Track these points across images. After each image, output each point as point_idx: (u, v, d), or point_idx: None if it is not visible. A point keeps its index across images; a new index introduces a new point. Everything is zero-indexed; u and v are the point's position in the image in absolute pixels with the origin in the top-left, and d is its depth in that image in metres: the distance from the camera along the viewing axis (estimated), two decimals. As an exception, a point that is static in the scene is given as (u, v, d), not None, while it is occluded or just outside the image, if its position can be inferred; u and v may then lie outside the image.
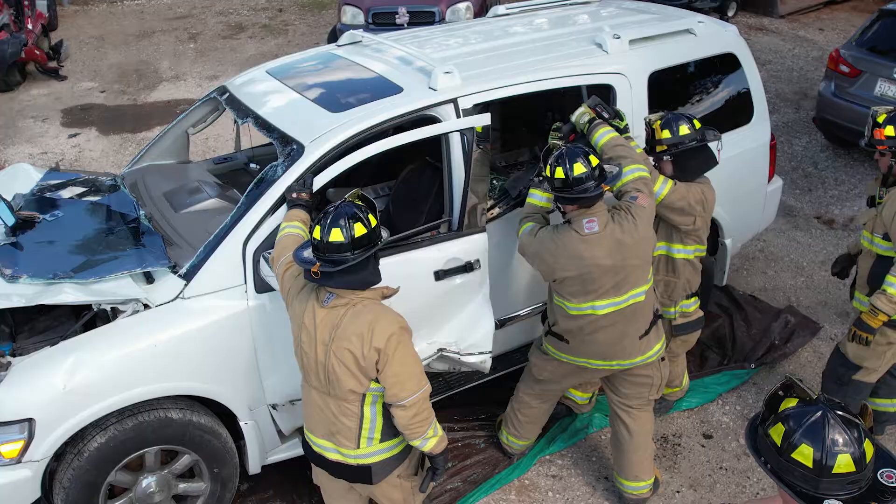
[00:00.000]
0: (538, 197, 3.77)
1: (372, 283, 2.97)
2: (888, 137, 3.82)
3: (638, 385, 3.76)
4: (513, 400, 4.10)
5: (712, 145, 3.97)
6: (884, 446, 1.92)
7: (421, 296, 3.71)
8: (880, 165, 3.94)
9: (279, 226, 3.41)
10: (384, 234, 3.01)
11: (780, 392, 1.98)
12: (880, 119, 3.85)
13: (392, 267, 3.59)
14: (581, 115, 3.85)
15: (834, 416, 1.84)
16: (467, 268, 3.80)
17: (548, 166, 3.49)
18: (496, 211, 4.04)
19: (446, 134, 3.79)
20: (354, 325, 2.86)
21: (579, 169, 3.39)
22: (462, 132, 3.78)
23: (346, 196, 3.02)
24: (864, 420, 1.90)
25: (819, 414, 1.85)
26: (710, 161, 3.98)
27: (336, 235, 2.84)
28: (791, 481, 1.86)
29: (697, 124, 3.91)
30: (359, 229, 2.87)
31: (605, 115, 3.81)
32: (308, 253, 2.95)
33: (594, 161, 3.44)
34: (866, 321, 3.81)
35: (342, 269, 2.84)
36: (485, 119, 3.80)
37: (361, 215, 2.91)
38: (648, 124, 3.98)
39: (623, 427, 3.83)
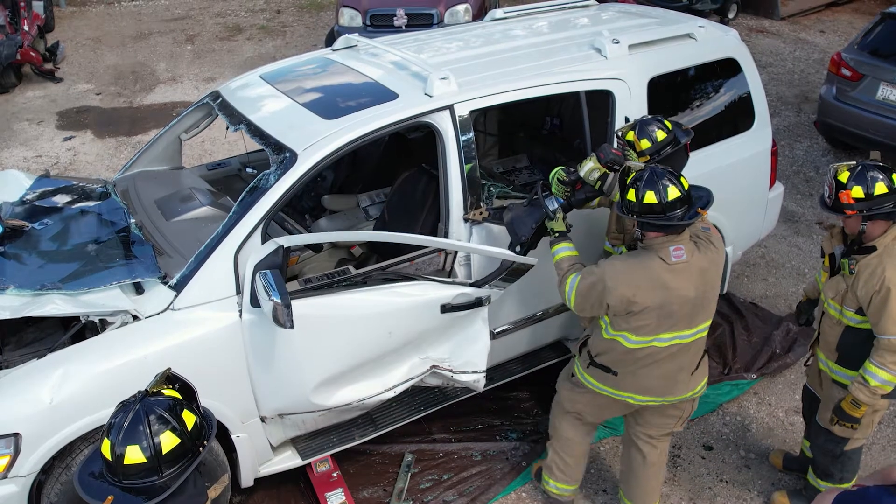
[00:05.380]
0: (565, 249, 3.50)
1: None
2: (857, 200, 3.22)
3: (667, 417, 3.53)
4: (552, 444, 3.79)
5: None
6: None
7: (421, 326, 3.61)
8: (847, 229, 3.40)
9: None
10: (212, 429, 2.16)
11: None
12: (842, 177, 3.26)
13: (394, 297, 3.51)
14: (591, 171, 3.59)
15: None
16: (477, 303, 3.66)
17: (631, 189, 3.16)
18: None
19: (444, 145, 3.72)
20: None
21: (674, 193, 3.08)
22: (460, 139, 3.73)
23: (149, 384, 2.15)
24: None
25: None
26: (684, 158, 3.83)
27: (133, 455, 1.97)
28: None
29: (669, 125, 3.76)
30: (168, 441, 2.01)
31: (617, 168, 3.54)
32: (99, 472, 2.08)
33: (685, 183, 3.15)
34: (848, 412, 3.39)
35: None
36: (532, 261, 3.62)
37: (170, 417, 2.04)
38: (622, 136, 3.72)
39: (639, 454, 3.64)
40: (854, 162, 3.33)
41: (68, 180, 4.36)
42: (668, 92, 4.45)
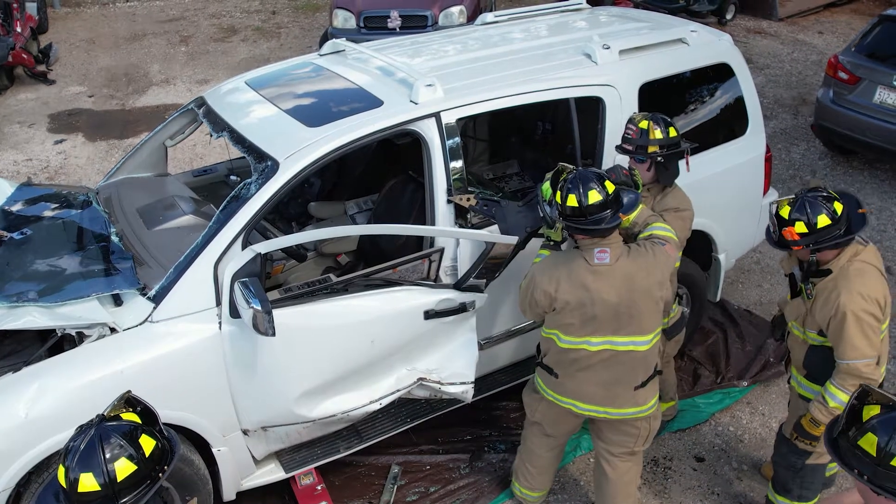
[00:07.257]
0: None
1: None
2: (802, 235, 3.15)
3: (622, 434, 3.49)
4: (520, 450, 3.84)
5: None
6: None
7: (405, 334, 3.55)
8: (798, 257, 3.33)
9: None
10: (175, 454, 2.08)
11: (856, 401, 1.97)
12: (783, 213, 3.19)
13: (376, 303, 3.46)
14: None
15: None
16: (461, 308, 3.60)
17: (557, 192, 3.17)
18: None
19: (430, 153, 3.66)
20: None
21: (595, 196, 3.07)
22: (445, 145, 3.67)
23: (107, 408, 2.10)
24: None
25: None
26: (677, 168, 3.81)
27: (88, 482, 1.91)
28: (893, 488, 1.87)
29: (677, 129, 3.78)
30: (123, 468, 1.94)
31: (625, 190, 3.45)
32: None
33: (610, 187, 3.13)
34: (808, 430, 3.34)
35: None
36: (512, 240, 3.54)
37: (127, 443, 1.97)
38: (636, 123, 3.69)
39: (603, 475, 3.61)
40: (793, 196, 3.25)
41: (50, 188, 4.30)
42: (660, 98, 4.37)
